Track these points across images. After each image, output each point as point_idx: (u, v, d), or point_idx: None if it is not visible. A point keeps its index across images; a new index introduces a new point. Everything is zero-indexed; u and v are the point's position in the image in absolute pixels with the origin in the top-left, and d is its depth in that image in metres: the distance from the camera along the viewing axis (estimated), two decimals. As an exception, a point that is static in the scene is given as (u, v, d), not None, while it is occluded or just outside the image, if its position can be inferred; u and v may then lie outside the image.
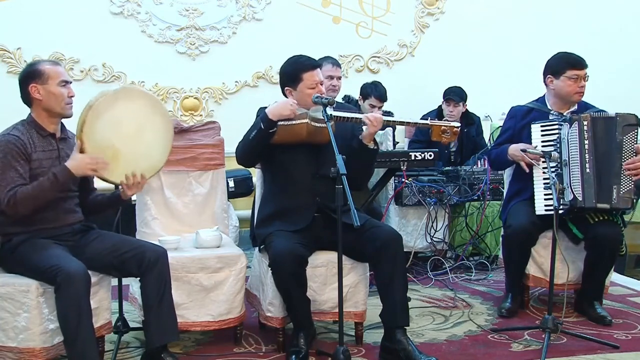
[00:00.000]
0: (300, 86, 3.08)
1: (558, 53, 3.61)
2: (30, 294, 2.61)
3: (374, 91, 4.85)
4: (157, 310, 2.76)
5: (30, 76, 2.78)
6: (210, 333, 3.23)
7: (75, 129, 2.68)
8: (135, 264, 2.78)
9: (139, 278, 2.83)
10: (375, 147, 3.12)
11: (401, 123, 3.28)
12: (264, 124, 2.93)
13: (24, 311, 2.62)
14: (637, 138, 3.33)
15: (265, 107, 3.03)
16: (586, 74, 3.52)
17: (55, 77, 2.77)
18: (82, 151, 2.66)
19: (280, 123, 2.96)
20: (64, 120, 2.89)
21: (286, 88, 3.14)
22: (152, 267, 2.77)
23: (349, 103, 4.81)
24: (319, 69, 3.13)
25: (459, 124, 3.20)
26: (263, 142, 2.99)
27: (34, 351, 2.61)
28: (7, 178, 2.66)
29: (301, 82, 3.07)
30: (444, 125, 3.15)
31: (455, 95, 5.02)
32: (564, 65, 3.53)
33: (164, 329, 2.78)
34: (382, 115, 4.92)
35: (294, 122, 2.98)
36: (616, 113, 3.35)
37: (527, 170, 3.47)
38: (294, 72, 3.10)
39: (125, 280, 3.12)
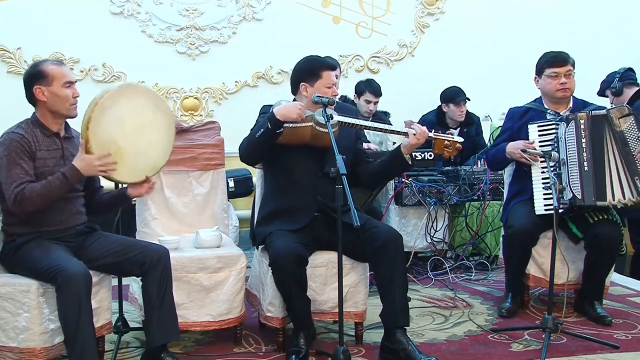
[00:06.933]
0: (317, 83, 3.09)
1: (544, 53, 3.63)
2: (30, 294, 2.61)
3: (368, 87, 4.90)
4: (158, 309, 2.77)
5: (34, 77, 2.76)
6: (210, 333, 3.23)
7: (80, 127, 2.66)
8: (138, 264, 2.79)
9: (140, 278, 2.84)
10: (410, 163, 3.11)
11: (404, 134, 3.21)
12: (271, 123, 2.92)
13: (24, 311, 2.62)
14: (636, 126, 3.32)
15: (269, 105, 3.02)
16: (569, 70, 3.52)
17: (60, 79, 2.75)
18: (87, 150, 2.64)
19: (284, 124, 2.96)
20: (68, 120, 2.88)
21: (302, 83, 3.12)
22: (155, 267, 2.78)
23: (346, 103, 4.82)
24: (336, 72, 3.15)
25: (462, 139, 3.19)
26: (269, 142, 2.97)
27: (35, 351, 2.61)
28: (13, 175, 2.65)
29: (320, 79, 3.09)
30: (448, 140, 3.12)
31: (464, 95, 5.03)
32: (543, 64, 3.58)
33: (165, 328, 2.78)
34: (380, 115, 5.00)
35: (298, 124, 2.97)
36: (607, 109, 3.40)
37: (530, 163, 3.45)
38: (314, 68, 3.11)
39: (125, 280, 3.13)
